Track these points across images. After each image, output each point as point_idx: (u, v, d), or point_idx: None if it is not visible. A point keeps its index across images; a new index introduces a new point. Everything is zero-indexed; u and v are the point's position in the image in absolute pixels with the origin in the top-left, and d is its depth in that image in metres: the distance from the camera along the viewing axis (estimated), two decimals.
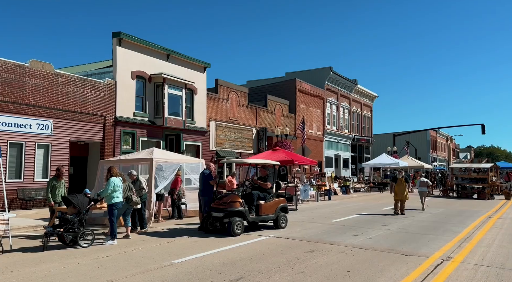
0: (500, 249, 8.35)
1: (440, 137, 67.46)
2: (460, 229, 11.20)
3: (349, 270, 6.56)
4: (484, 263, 7.08)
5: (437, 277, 6.14)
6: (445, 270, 6.60)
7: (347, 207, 17.38)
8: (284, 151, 19.13)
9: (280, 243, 8.87)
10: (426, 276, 6.24)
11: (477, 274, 6.38)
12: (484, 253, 7.91)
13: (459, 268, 6.75)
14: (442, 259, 7.36)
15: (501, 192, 24.54)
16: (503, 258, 7.47)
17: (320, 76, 33.84)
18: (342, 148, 37.33)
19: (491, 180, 24.13)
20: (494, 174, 25.56)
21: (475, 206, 18.65)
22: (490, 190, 23.38)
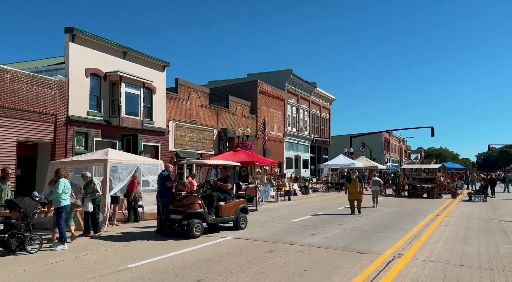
0: (446, 245, 8.87)
1: (393, 139, 70.74)
2: (411, 227, 11.77)
3: (306, 269, 6.67)
4: (432, 259, 7.48)
5: (389, 274, 6.41)
6: (396, 266, 6.90)
7: (306, 207, 17.72)
8: (245, 152, 19.16)
9: (240, 244, 8.86)
10: (378, 273, 6.49)
11: (425, 269, 6.73)
12: (431, 250, 8.36)
13: (409, 264, 7.09)
14: (394, 256, 7.70)
15: (448, 191, 26.11)
16: (448, 254, 7.94)
17: (281, 78, 34.28)
18: (302, 149, 38.03)
19: (439, 180, 25.60)
20: (442, 174, 27.13)
21: (424, 204, 19.70)
22: (438, 189, 24.80)
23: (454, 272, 6.55)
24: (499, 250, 8.39)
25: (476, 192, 23.76)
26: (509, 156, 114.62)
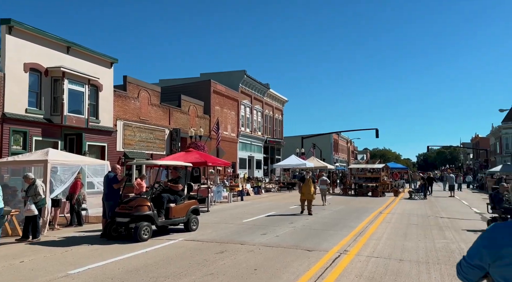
0: (388, 241, 9.36)
1: (341, 140, 73.61)
2: (356, 224, 12.29)
3: (256, 269, 6.71)
4: (375, 255, 7.86)
5: (335, 270, 6.63)
6: (342, 262, 7.16)
7: (258, 207, 17.86)
8: (198, 152, 18.91)
9: (190, 246, 8.70)
10: (325, 269, 6.69)
11: (369, 264, 7.04)
12: (375, 246, 8.78)
13: (354, 260, 7.39)
14: (340, 253, 7.98)
15: (391, 190, 27.64)
16: (390, 250, 8.38)
17: (235, 78, 34.30)
18: (255, 149, 38.32)
19: (383, 179, 27.03)
20: (385, 174, 28.67)
21: (369, 203, 20.68)
22: (382, 188, 26.16)
23: (395, 266, 6.92)
24: (435, 244, 9.01)
25: (416, 190, 25.36)
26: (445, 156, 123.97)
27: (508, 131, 52.48)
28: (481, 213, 15.62)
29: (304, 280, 6.06)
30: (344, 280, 6.04)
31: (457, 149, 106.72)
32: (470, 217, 14.61)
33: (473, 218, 14.57)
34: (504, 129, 53.03)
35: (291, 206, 18.01)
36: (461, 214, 15.70)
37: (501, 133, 53.88)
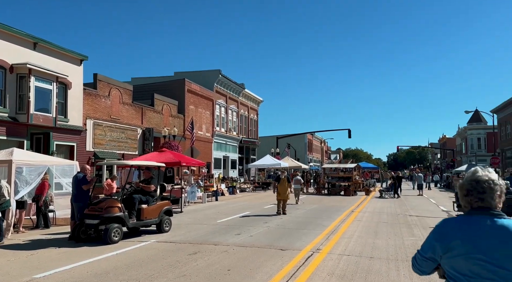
0: (359, 239, 9.56)
1: (315, 140, 74.66)
2: (329, 223, 12.48)
3: (230, 269, 6.68)
4: (346, 253, 8.00)
5: (307, 268, 6.70)
6: (315, 261, 7.25)
7: (233, 207, 17.81)
8: (172, 152, 18.63)
9: (163, 248, 8.56)
10: (298, 268, 6.75)
11: (340, 262, 7.17)
12: (346, 244, 8.95)
13: (326, 258, 7.49)
14: (313, 251, 8.08)
15: (363, 189, 28.27)
16: (361, 247, 8.56)
17: (210, 78, 34.06)
18: (230, 149, 38.20)
19: (355, 178, 27.61)
20: (357, 173, 29.29)
21: (341, 201, 21.07)
22: (354, 187, 26.72)
23: (365, 264, 7.07)
24: (404, 242, 9.28)
25: (386, 189, 26.05)
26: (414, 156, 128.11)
27: (473, 132, 54.89)
28: (447, 211, 16.23)
29: (277, 279, 6.08)
30: (316, 279, 6.11)
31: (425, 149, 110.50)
32: (438, 215, 15.15)
33: (440, 215, 15.11)
34: (469, 130, 55.42)
35: (266, 206, 18.08)
36: (429, 212, 16.27)
37: (466, 134, 56.28)
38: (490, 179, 2.07)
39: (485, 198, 2.05)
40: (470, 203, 2.09)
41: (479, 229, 1.99)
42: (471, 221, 2.04)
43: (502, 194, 2.08)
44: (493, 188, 2.05)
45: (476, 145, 54.17)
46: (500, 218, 2.01)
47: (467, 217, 2.09)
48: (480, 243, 1.95)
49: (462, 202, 2.17)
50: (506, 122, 39.79)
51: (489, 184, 2.05)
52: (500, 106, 39.96)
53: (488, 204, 2.05)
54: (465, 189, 2.12)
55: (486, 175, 2.09)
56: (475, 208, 2.08)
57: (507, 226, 1.96)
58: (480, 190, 2.06)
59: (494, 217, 2.01)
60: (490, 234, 1.96)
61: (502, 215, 2.03)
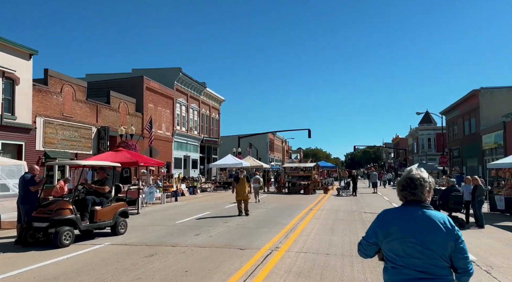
0: (317, 236, 9.78)
1: (276, 140, 75.52)
2: (288, 221, 12.67)
3: (187, 270, 6.58)
4: (304, 250, 8.15)
5: (265, 267, 6.75)
6: (273, 259, 7.32)
7: (193, 207, 17.58)
8: (129, 152, 18.03)
9: (117, 251, 8.27)
10: (256, 266, 6.78)
11: (298, 260, 7.29)
12: (304, 241, 9.12)
13: (284, 256, 7.59)
14: (271, 250, 8.15)
15: (321, 187, 28.99)
16: (318, 245, 8.76)
17: (170, 76, 33.37)
18: (191, 148, 37.66)
19: (314, 177, 28.25)
20: (316, 172, 29.99)
21: (301, 200, 21.47)
22: (313, 185, 27.33)
23: (321, 260, 7.24)
24: (359, 238, 9.54)
25: (343, 187, 26.88)
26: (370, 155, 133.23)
27: (423, 133, 58.02)
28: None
29: (235, 279, 6.07)
30: (274, 277, 6.17)
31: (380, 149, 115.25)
32: None
33: None
34: (420, 131, 58.52)
35: (227, 206, 18.02)
36: (382, 209, 16.55)
37: (418, 135, 59.38)
38: (421, 177, 2.46)
39: (417, 193, 2.45)
40: (405, 197, 2.50)
41: (412, 218, 2.39)
42: (406, 211, 2.45)
43: (431, 190, 2.48)
44: (423, 184, 2.44)
45: (427, 145, 57.31)
46: (428, 209, 2.42)
47: (403, 208, 2.50)
48: (412, 229, 2.36)
49: (399, 196, 2.56)
50: (454, 123, 42.44)
51: (420, 182, 2.44)
52: (448, 108, 42.53)
53: (419, 197, 2.45)
54: (401, 185, 2.51)
55: (418, 174, 2.49)
56: (409, 201, 2.48)
57: (433, 216, 2.39)
58: (412, 186, 2.45)
59: (423, 209, 2.42)
60: (420, 222, 2.37)
61: (429, 207, 2.44)
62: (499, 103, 31.28)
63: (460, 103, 38.48)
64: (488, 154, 31.20)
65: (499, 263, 7.12)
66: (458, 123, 40.76)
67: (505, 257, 7.62)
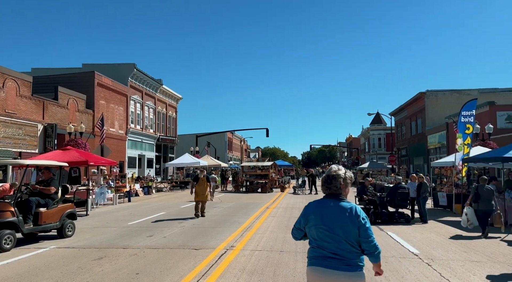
0: (272, 234, 9.90)
1: (235, 139, 75.54)
2: (244, 220, 12.72)
3: (138, 273, 6.40)
4: (259, 248, 8.22)
5: (220, 266, 6.73)
6: (228, 258, 7.31)
7: (147, 208, 17.12)
8: (78, 151, 17.18)
9: (63, 254, 7.85)
10: (210, 266, 6.74)
11: (252, 258, 7.34)
12: (259, 239, 9.20)
13: (239, 255, 7.61)
14: (227, 249, 8.14)
15: (278, 186, 29.41)
16: (272, 242, 8.87)
17: (123, 72, 32.18)
18: (146, 147, 36.60)
19: (271, 176, 28.59)
20: (273, 171, 30.37)
21: (258, 198, 21.65)
22: (270, 184, 27.66)
23: (275, 258, 7.35)
24: None
25: (299, 185, 27.46)
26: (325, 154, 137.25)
27: (374, 133, 60.71)
28: None
29: (188, 279, 5.99)
30: (228, 276, 6.16)
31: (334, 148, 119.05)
32: None
33: None
34: (371, 130, 61.19)
35: (183, 205, 17.74)
36: None
37: (369, 134, 62.05)
38: (336, 174, 2.90)
39: (332, 187, 2.90)
40: (325, 190, 2.96)
41: (326, 208, 2.86)
42: (322, 202, 2.92)
43: (346, 184, 2.91)
44: (338, 179, 2.88)
45: (377, 144, 60.02)
46: (341, 201, 2.87)
47: (322, 200, 2.96)
48: (324, 217, 2.82)
49: (321, 189, 3.03)
50: (402, 124, 44.81)
51: (335, 178, 2.88)
52: (397, 109, 44.82)
53: (335, 191, 2.89)
54: (323, 180, 2.99)
55: (335, 171, 2.92)
56: (327, 194, 2.94)
57: (343, 206, 2.83)
58: (329, 182, 2.91)
59: (337, 200, 2.87)
60: (331, 211, 2.83)
61: (343, 199, 2.89)
62: (443, 105, 33.49)
63: (408, 105, 40.71)
64: (433, 153, 33.30)
65: (439, 255, 7.62)
66: (406, 124, 43.08)
67: (444, 250, 8.18)
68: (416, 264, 6.91)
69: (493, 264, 6.90)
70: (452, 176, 15.46)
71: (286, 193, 26.40)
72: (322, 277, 2.79)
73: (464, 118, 14.87)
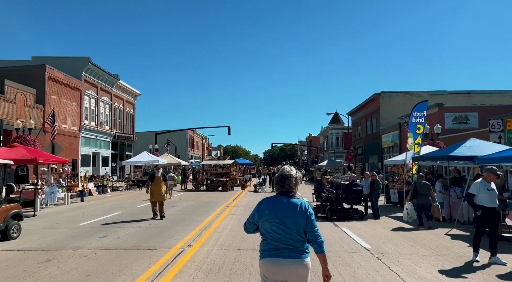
0: (230, 233, 9.89)
1: (196, 137, 74.62)
2: (203, 218, 12.60)
3: (89, 275, 6.14)
4: (216, 247, 8.18)
5: (175, 266, 6.61)
6: (183, 258, 7.20)
7: (101, 208, 16.48)
8: (26, 148, 16.17)
9: (7, 257, 7.37)
10: (166, 266, 6.60)
11: (209, 257, 7.28)
12: (217, 238, 9.15)
13: (196, 254, 7.52)
14: (183, 248, 8.01)
15: (239, 184, 29.46)
16: (230, 240, 8.86)
17: (77, 66, 30.68)
18: (101, 145, 35.20)
19: (232, 174, 28.58)
20: (234, 169, 30.37)
21: (219, 197, 21.54)
22: (231, 182, 27.64)
23: (232, 256, 7.34)
24: None
25: (259, 183, 27.68)
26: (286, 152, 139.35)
27: (333, 132, 62.50)
28: (309, 201, 18.07)
29: (141, 280, 5.83)
30: (183, 275, 6.07)
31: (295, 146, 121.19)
32: None
33: None
34: (330, 130, 62.93)
35: (139, 205, 17.26)
36: None
37: (328, 133, 63.77)
38: (290, 174, 3.20)
39: (285, 186, 3.19)
40: (278, 188, 3.23)
41: (278, 204, 3.14)
42: (276, 199, 3.20)
43: (297, 183, 3.22)
44: (290, 179, 3.18)
45: (335, 143, 61.84)
46: (292, 198, 3.16)
47: (275, 196, 3.25)
48: (278, 212, 3.10)
49: (274, 187, 3.33)
50: (358, 123, 46.47)
51: (288, 177, 3.19)
52: (354, 109, 46.42)
53: (287, 189, 3.19)
54: (277, 179, 3.25)
55: (288, 171, 3.22)
56: (280, 191, 3.23)
57: (293, 202, 3.13)
58: (282, 180, 3.20)
59: (289, 197, 3.17)
60: (283, 206, 3.12)
61: (294, 196, 3.19)
62: (396, 106, 35.10)
63: (364, 105, 42.28)
64: (386, 151, 34.84)
65: (389, 250, 7.98)
66: (362, 124, 44.72)
67: (394, 244, 8.57)
68: (367, 258, 7.19)
69: (437, 257, 7.33)
70: (403, 174, 16.24)
71: (247, 191, 26.49)
72: (275, 266, 3.04)
73: (415, 119, 15.66)
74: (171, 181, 19.61)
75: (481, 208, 6.96)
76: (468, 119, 26.70)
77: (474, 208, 7.23)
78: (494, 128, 14.79)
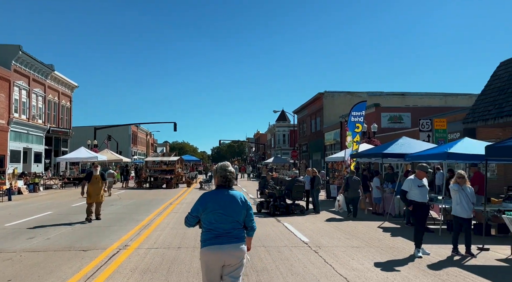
0: (172, 231, 9.66)
1: (140, 132, 71.98)
2: (144, 217, 12.18)
3: (11, 279, 5.66)
4: (155, 246, 7.94)
5: (109, 267, 6.30)
6: (119, 258, 6.89)
7: (31, 207, 15.29)
8: None
9: None
10: (99, 268, 6.27)
11: (147, 256, 7.04)
12: (157, 237, 8.89)
13: (132, 254, 7.24)
14: (119, 249, 7.67)
15: (184, 181, 28.94)
16: (171, 239, 8.65)
17: (6, 54, 28.03)
18: (34, 140, 32.60)
19: (177, 171, 27.99)
20: (180, 166, 29.79)
21: (162, 194, 20.98)
22: (176, 180, 27.06)
23: (172, 255, 7.17)
24: None
25: (205, 180, 27.42)
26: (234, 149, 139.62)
27: (279, 129, 63.73)
28: (254, 198, 18.25)
29: None
30: (117, 276, 5.81)
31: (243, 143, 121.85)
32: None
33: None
34: (277, 127, 64.10)
35: (74, 204, 16.28)
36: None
37: (275, 131, 64.90)
38: (228, 169, 3.58)
39: (226, 180, 3.57)
40: (219, 182, 3.58)
41: (221, 196, 3.49)
42: (218, 192, 3.54)
43: (232, 178, 3.59)
44: (228, 174, 3.56)
45: (282, 140, 63.17)
46: (231, 190, 3.55)
47: (216, 190, 3.59)
48: (220, 203, 3.43)
49: (217, 182, 3.61)
50: (303, 121, 47.83)
51: (227, 172, 3.57)
52: (299, 108, 47.68)
53: (227, 183, 3.57)
54: (218, 174, 3.59)
55: (228, 166, 3.64)
56: (220, 185, 3.58)
57: (234, 194, 3.52)
58: (223, 175, 3.57)
59: (228, 190, 3.55)
60: (225, 198, 3.48)
61: (232, 189, 3.59)
62: (338, 105, 36.64)
63: (309, 104, 43.61)
64: (329, 149, 36.26)
65: (326, 243, 8.30)
66: (307, 122, 46.11)
67: (331, 237, 8.94)
68: (305, 252, 7.41)
69: (369, 249, 7.77)
70: (342, 170, 17.00)
71: (192, 188, 26.11)
72: (217, 253, 3.34)
73: (354, 118, 16.43)
74: (110, 178, 18.79)
75: (412, 203, 7.46)
76: (402, 119, 28.64)
77: (406, 203, 7.74)
78: (424, 128, 15.96)
